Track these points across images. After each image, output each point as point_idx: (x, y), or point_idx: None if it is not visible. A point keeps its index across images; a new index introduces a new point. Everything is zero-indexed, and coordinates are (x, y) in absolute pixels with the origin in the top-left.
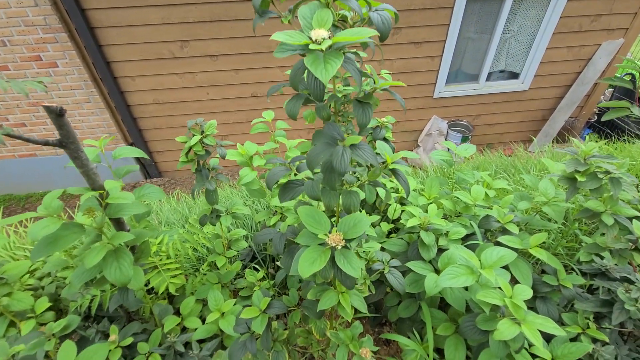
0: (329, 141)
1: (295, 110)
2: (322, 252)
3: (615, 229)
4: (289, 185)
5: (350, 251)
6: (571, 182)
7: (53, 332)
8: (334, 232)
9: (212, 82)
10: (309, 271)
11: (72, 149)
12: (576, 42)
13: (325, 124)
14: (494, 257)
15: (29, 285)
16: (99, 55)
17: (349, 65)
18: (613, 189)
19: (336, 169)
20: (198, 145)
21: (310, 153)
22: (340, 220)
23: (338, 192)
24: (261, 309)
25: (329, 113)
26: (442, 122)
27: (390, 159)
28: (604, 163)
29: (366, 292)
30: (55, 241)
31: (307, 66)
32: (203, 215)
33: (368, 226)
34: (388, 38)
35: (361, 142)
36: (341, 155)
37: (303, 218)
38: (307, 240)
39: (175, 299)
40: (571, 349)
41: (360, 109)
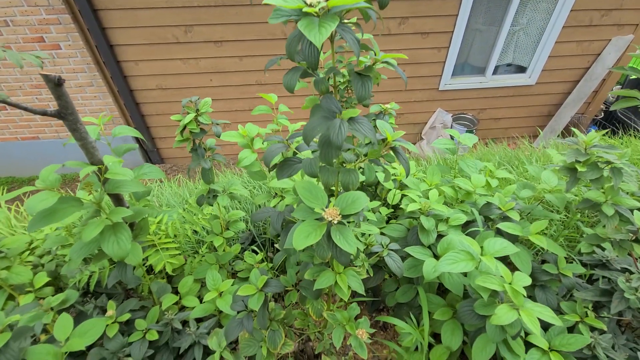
0: (326, 114)
1: (293, 82)
2: (318, 227)
3: (615, 220)
4: (286, 162)
5: (346, 227)
6: (572, 172)
7: (51, 305)
8: (331, 206)
9: (216, 68)
10: (303, 244)
11: (71, 121)
12: (586, 37)
13: (322, 97)
14: (496, 247)
15: (29, 262)
16: (102, 38)
17: (347, 34)
18: (614, 179)
19: (333, 142)
20: (193, 123)
21: (307, 126)
22: (339, 197)
23: (337, 170)
24: (258, 287)
25: (327, 87)
26: (446, 115)
27: (391, 136)
28: (604, 153)
29: (364, 274)
30: (52, 214)
31: (301, 30)
32: (200, 195)
33: (366, 203)
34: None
35: (359, 116)
36: (338, 128)
37: (300, 192)
38: (304, 215)
39: (174, 279)
40: (570, 340)
41: (360, 82)
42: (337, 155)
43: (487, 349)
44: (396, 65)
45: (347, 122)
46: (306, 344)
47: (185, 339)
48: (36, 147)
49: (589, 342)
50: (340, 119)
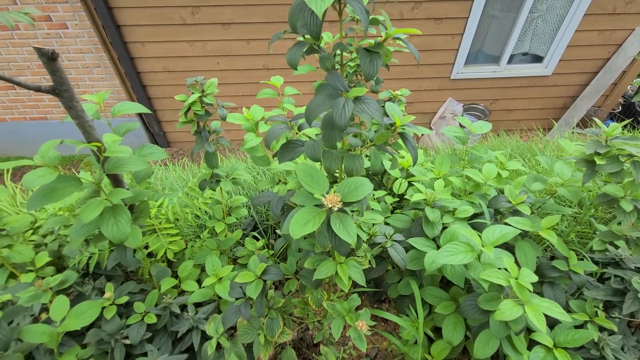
0: (330, 92)
1: (296, 58)
2: (317, 214)
3: (633, 216)
4: (289, 145)
5: (347, 215)
6: (590, 165)
7: (50, 285)
8: (332, 192)
9: (222, 51)
10: (301, 232)
11: (66, 98)
12: (608, 26)
13: (328, 73)
14: (496, 235)
15: (32, 241)
16: (109, 17)
17: (354, 2)
18: (635, 173)
19: (336, 123)
20: (197, 104)
21: (310, 104)
22: (341, 183)
23: (341, 155)
24: (257, 274)
25: (333, 64)
26: (457, 105)
27: (400, 121)
28: (627, 145)
29: (366, 264)
30: (52, 193)
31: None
32: (202, 180)
33: (370, 190)
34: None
35: (366, 96)
36: (342, 108)
37: (300, 176)
38: (303, 200)
39: (174, 263)
40: (574, 336)
41: (368, 58)
42: (340, 138)
43: (489, 345)
44: (409, 43)
45: (353, 102)
46: (305, 333)
47: (183, 323)
48: (44, 128)
49: (593, 336)
50: (346, 97)
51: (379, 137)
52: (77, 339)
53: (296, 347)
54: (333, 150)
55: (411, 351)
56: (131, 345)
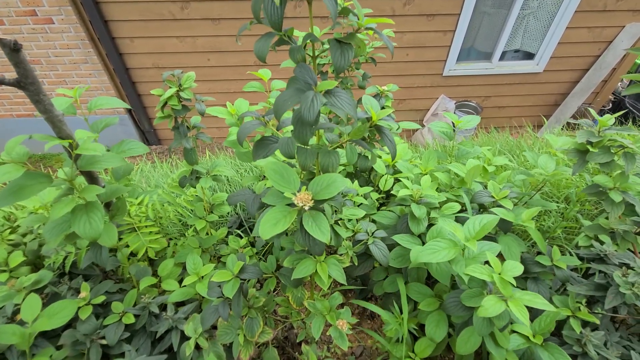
0: (300, 86)
1: (264, 50)
2: (288, 213)
3: (621, 208)
4: (263, 141)
5: (320, 214)
6: (581, 154)
7: (23, 285)
8: (303, 190)
9: (213, 47)
10: (271, 232)
11: (32, 91)
12: (598, 23)
13: (296, 65)
14: (477, 226)
15: (10, 241)
16: (96, 12)
17: None
18: (626, 164)
19: (304, 118)
20: (174, 98)
21: (278, 99)
22: (312, 181)
23: (316, 151)
24: (234, 272)
25: (303, 56)
26: (449, 102)
27: (376, 115)
28: (619, 136)
29: (347, 262)
30: (20, 190)
31: None
32: (183, 177)
33: (343, 187)
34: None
35: (337, 89)
36: (310, 102)
37: (270, 175)
38: (274, 200)
39: (155, 262)
40: (545, 321)
41: (339, 50)
42: (312, 134)
43: (471, 341)
44: (382, 33)
45: (323, 96)
46: (290, 331)
47: (162, 323)
48: (32, 125)
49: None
50: (315, 91)
51: (355, 131)
52: (53, 340)
53: (280, 346)
54: (307, 147)
55: (395, 349)
56: (108, 346)
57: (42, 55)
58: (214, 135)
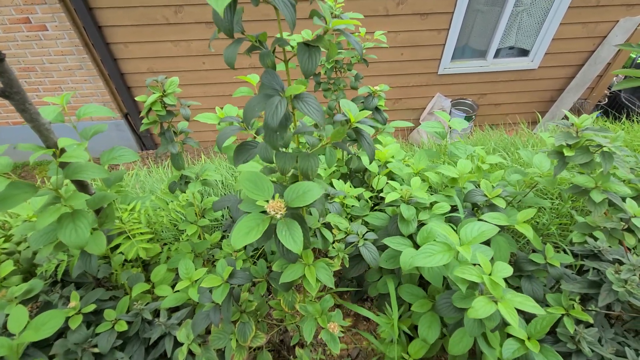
0: (268, 92)
1: (233, 56)
2: (262, 221)
3: (603, 207)
4: (243, 146)
5: (295, 223)
6: (560, 156)
7: (14, 295)
8: (276, 198)
9: (207, 51)
10: (243, 241)
11: (18, 100)
12: (592, 18)
13: (264, 72)
14: (474, 233)
15: (4, 249)
16: (90, 18)
17: None
18: (603, 164)
19: (269, 123)
20: (158, 104)
21: (247, 105)
22: (288, 188)
23: (294, 155)
24: (224, 278)
25: (273, 61)
26: (445, 101)
27: (354, 118)
28: (596, 136)
29: (337, 265)
30: (4, 200)
31: None
32: (172, 182)
33: (319, 195)
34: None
35: (305, 94)
36: (275, 108)
37: (243, 183)
38: (249, 207)
39: (149, 268)
40: (542, 323)
41: (307, 53)
42: (281, 139)
43: (463, 342)
44: (349, 35)
45: (292, 101)
46: (285, 334)
47: (155, 329)
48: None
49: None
50: (281, 97)
51: (334, 134)
52: (45, 350)
53: (276, 350)
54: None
55: (388, 350)
56: (101, 354)
57: (37, 62)
58: (211, 138)
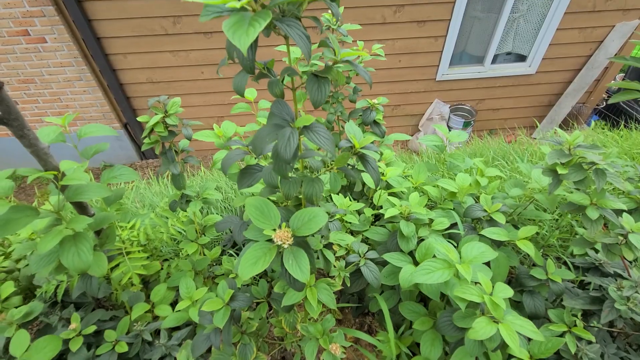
0: (278, 122)
1: (242, 85)
2: (268, 250)
3: (599, 224)
4: (247, 170)
5: (301, 251)
6: (554, 173)
7: (15, 318)
8: (283, 227)
9: (206, 60)
10: (251, 272)
11: (16, 127)
12: (588, 23)
13: (273, 102)
14: (474, 252)
15: (4, 268)
16: (89, 30)
17: (292, 30)
18: (597, 181)
19: (281, 155)
20: (160, 125)
21: (256, 135)
22: (294, 215)
23: (299, 179)
24: (225, 300)
25: (281, 90)
26: (444, 106)
27: (359, 143)
28: (588, 153)
29: (339, 285)
30: (5, 224)
31: (224, 31)
32: (172, 201)
33: (325, 222)
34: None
35: (314, 124)
36: (287, 140)
37: (250, 211)
38: (256, 235)
39: (149, 286)
40: (547, 345)
41: (316, 84)
42: (291, 169)
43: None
44: (358, 65)
45: (302, 131)
46: (286, 352)
47: (155, 350)
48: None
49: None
50: (292, 128)
51: (339, 159)
52: None
53: None
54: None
55: None
56: None
57: (36, 74)
58: (209, 147)
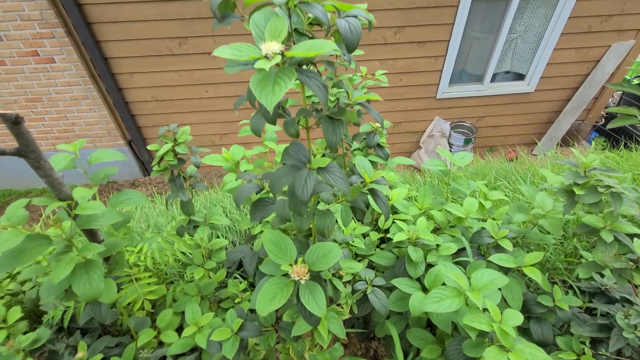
0: (295, 163)
1: (260, 126)
2: (285, 285)
3: (614, 247)
4: (260, 203)
5: (317, 285)
6: (569, 195)
7: (22, 346)
8: (300, 262)
9: (210, 79)
10: (268, 308)
11: (33, 159)
12: (585, 44)
13: (290, 144)
14: (484, 280)
15: (9, 290)
16: (97, 51)
17: (312, 81)
18: (614, 205)
19: (298, 197)
20: (170, 154)
21: (273, 177)
22: (309, 250)
23: (312, 212)
24: (233, 330)
25: (297, 130)
26: (444, 124)
27: (369, 178)
28: (604, 177)
29: (347, 314)
30: (20, 254)
31: (252, 89)
32: (180, 226)
33: (339, 257)
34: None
35: (330, 165)
36: (304, 182)
37: (267, 245)
38: (271, 269)
39: (155, 311)
40: None
41: (331, 126)
42: (305, 209)
43: None
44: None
45: (317, 172)
46: None
47: None
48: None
49: None
50: (309, 169)
51: (351, 193)
52: None
53: None
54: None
55: None
56: None
57: (44, 93)
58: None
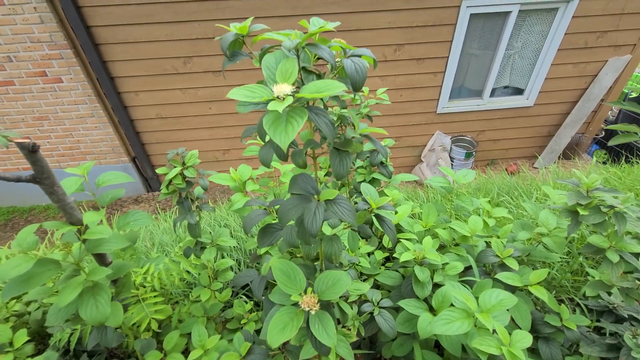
0: (303, 194)
1: (269, 158)
2: (295, 315)
3: (620, 267)
4: (268, 229)
5: (326, 314)
6: (573, 215)
7: None
8: (309, 292)
9: (214, 97)
10: (279, 339)
11: (47, 185)
12: (582, 59)
13: (299, 175)
14: (492, 301)
15: (15, 312)
16: (103, 71)
17: (320, 119)
18: (617, 225)
19: (308, 229)
20: (178, 177)
21: (282, 208)
22: (317, 278)
23: (319, 239)
24: (241, 354)
25: (304, 161)
26: (445, 138)
27: (375, 204)
28: (608, 197)
29: (354, 337)
30: (29, 279)
31: (265, 129)
32: (187, 247)
33: (348, 285)
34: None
35: (338, 197)
36: (313, 215)
37: (277, 275)
38: (281, 299)
39: (161, 333)
40: None
41: (338, 158)
42: (313, 239)
43: None
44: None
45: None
46: None
47: None
48: None
49: None
50: (317, 201)
51: (357, 218)
52: None
53: None
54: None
55: None
56: None
57: (50, 111)
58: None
